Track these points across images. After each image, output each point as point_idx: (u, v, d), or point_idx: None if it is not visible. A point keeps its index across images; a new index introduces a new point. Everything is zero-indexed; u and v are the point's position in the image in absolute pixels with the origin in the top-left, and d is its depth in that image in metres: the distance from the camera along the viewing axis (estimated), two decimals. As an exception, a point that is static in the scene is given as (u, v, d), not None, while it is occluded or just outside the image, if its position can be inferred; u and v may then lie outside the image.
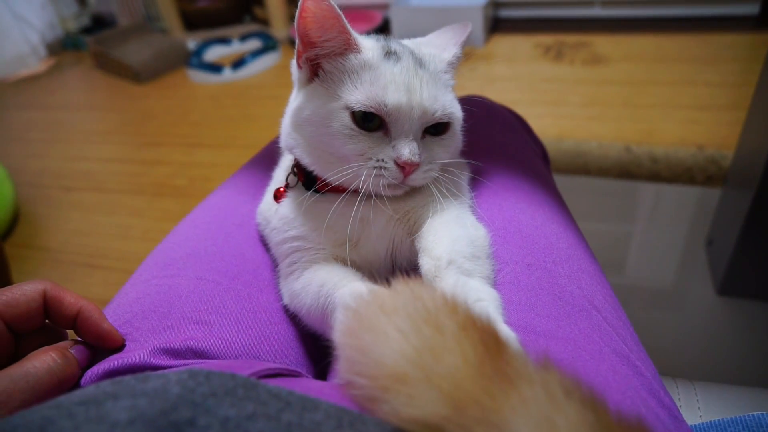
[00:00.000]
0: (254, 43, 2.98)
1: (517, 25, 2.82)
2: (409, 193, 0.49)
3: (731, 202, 1.14)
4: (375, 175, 0.45)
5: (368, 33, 0.52)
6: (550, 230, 0.53)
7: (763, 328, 1.10)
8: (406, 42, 0.52)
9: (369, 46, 0.48)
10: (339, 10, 0.45)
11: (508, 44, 2.65)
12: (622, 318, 0.48)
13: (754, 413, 0.44)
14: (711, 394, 0.55)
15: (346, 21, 0.46)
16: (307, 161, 0.49)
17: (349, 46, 0.47)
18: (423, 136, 0.48)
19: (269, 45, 2.88)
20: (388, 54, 0.47)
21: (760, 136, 1.00)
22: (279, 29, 3.07)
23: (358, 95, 0.45)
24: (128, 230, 1.77)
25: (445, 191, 0.49)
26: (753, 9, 2.42)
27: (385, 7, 2.94)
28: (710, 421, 0.46)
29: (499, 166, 0.62)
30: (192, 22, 3.29)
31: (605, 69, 2.27)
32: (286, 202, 0.52)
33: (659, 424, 0.38)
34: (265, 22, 3.15)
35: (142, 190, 1.97)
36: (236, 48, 3.05)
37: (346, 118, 0.46)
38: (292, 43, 2.97)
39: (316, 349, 0.51)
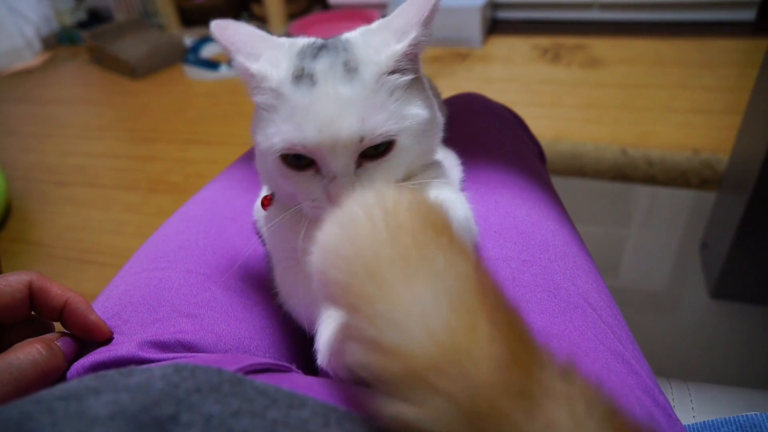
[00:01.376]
0: (252, 41, 2.97)
1: (515, 27, 2.82)
2: None
3: (726, 205, 1.14)
4: (315, 209, 0.42)
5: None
6: (547, 227, 0.52)
7: (755, 331, 1.10)
8: (359, 35, 0.44)
9: (276, 75, 0.40)
10: (235, 39, 0.40)
11: (505, 45, 2.65)
12: (618, 316, 0.48)
13: (747, 413, 0.44)
14: (704, 395, 0.55)
15: (244, 47, 0.41)
16: (273, 191, 0.48)
17: (252, 80, 0.41)
18: (360, 162, 0.41)
19: (267, 42, 2.87)
20: (299, 77, 0.39)
21: (755, 141, 1.01)
22: (277, 26, 3.06)
23: (276, 135, 0.40)
24: (122, 226, 1.76)
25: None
26: (749, 15, 2.44)
27: (383, 6, 2.94)
28: (704, 422, 0.46)
29: (495, 162, 0.62)
30: (189, 18, 3.28)
31: (602, 72, 2.27)
32: (272, 210, 0.50)
33: (653, 423, 0.38)
34: (262, 19, 3.15)
35: (137, 186, 1.96)
36: (234, 45, 3.04)
37: (276, 160, 0.41)
38: (289, 41, 2.96)
39: (307, 344, 0.51)
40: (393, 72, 0.41)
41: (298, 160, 0.41)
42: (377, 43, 0.41)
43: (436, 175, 0.47)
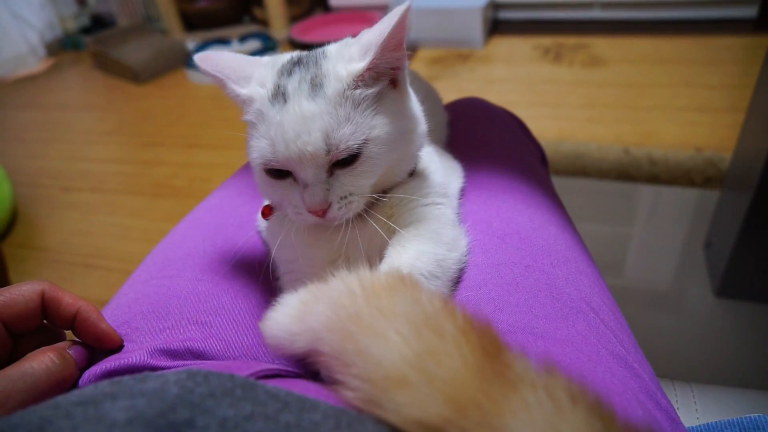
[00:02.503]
0: (254, 44, 2.98)
1: (517, 27, 2.82)
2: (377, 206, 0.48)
3: (729, 204, 1.14)
4: (297, 217, 0.45)
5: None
6: (548, 232, 0.53)
7: (761, 330, 1.10)
8: (333, 46, 0.46)
9: (258, 94, 0.44)
10: (219, 69, 0.44)
11: (507, 46, 2.66)
12: (620, 320, 0.48)
13: (752, 415, 0.44)
14: (708, 396, 0.55)
15: (229, 72, 0.44)
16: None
17: (239, 101, 0.45)
18: (333, 172, 0.43)
19: (269, 46, 2.88)
20: (275, 96, 0.42)
21: (758, 139, 1.01)
22: (278, 30, 3.07)
23: (257, 150, 0.43)
24: (127, 230, 1.77)
25: (398, 219, 0.47)
26: (751, 12, 2.43)
27: (384, 8, 2.94)
28: (707, 423, 0.46)
29: (497, 167, 0.62)
30: (191, 22, 3.29)
31: (604, 71, 2.27)
32: (273, 221, 0.52)
33: (657, 427, 0.38)
34: (264, 22, 3.16)
35: (141, 191, 1.97)
36: (236, 49, 3.05)
37: (260, 171, 0.45)
38: (291, 44, 2.97)
39: None
40: (356, 87, 0.42)
41: (278, 171, 0.44)
42: (348, 56, 0.43)
43: (419, 190, 0.49)
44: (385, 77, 0.44)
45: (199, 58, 0.46)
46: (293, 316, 0.34)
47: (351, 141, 0.42)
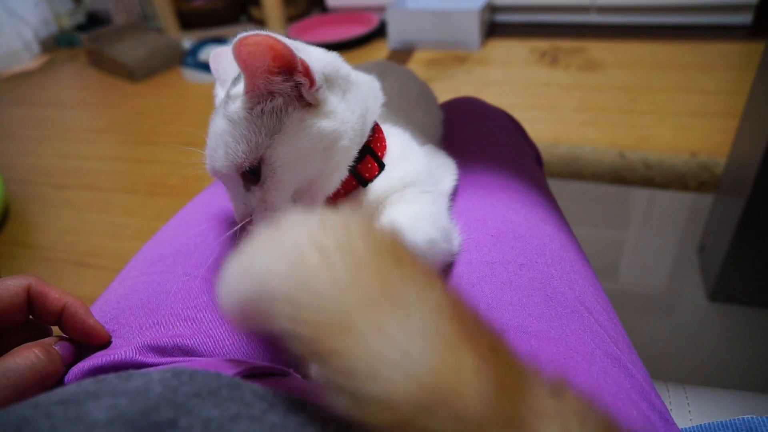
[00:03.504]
0: (250, 44, 2.98)
1: (513, 30, 2.83)
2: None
3: (723, 208, 1.15)
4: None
5: (365, 36, 0.51)
6: (543, 231, 0.52)
7: (753, 334, 1.10)
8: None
9: (217, 98, 0.48)
10: (221, 58, 0.47)
11: (503, 49, 2.66)
12: (614, 320, 0.48)
13: (744, 416, 0.44)
14: (701, 398, 0.55)
15: (221, 70, 0.47)
16: None
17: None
18: (248, 187, 0.45)
19: (265, 45, 2.87)
20: (218, 106, 0.46)
21: (752, 144, 1.01)
22: (275, 30, 3.05)
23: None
24: (121, 229, 1.76)
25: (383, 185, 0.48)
26: (746, 18, 2.45)
27: (381, 9, 2.95)
28: (701, 425, 0.46)
29: (492, 166, 0.62)
30: (188, 21, 3.28)
31: (600, 75, 2.28)
32: None
33: (650, 427, 0.38)
34: (261, 22, 3.15)
35: (135, 189, 1.96)
36: (232, 48, 3.04)
37: None
38: (288, 44, 2.96)
39: None
40: (250, 107, 0.43)
41: None
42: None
43: (400, 181, 0.48)
44: (283, 97, 0.43)
45: (211, 55, 0.48)
46: (239, 279, 0.27)
47: (245, 160, 0.43)
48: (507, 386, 0.22)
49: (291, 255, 0.24)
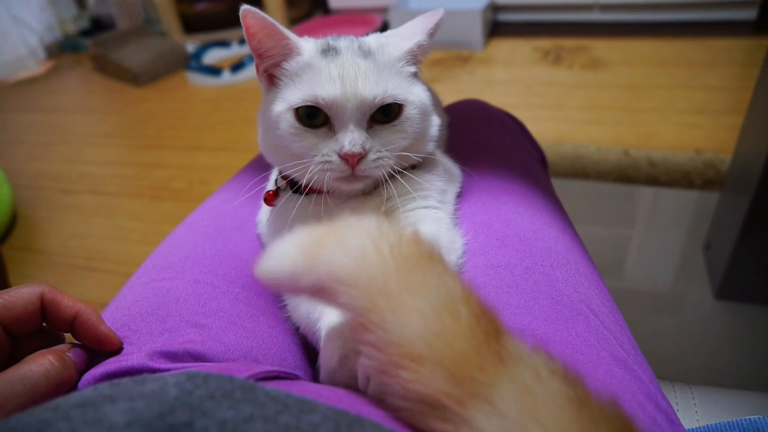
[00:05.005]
0: (253, 47, 2.99)
1: (516, 29, 2.83)
2: (376, 189, 0.51)
3: (729, 206, 1.14)
4: (322, 170, 0.46)
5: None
6: (549, 234, 0.53)
7: (760, 332, 1.10)
8: (371, 36, 0.52)
9: (308, 47, 0.49)
10: (272, 20, 0.47)
11: (507, 48, 2.66)
12: (620, 322, 0.48)
13: (752, 417, 0.44)
14: (708, 398, 0.55)
15: (282, 28, 0.48)
16: (275, 164, 0.53)
17: (289, 51, 0.48)
18: (371, 125, 0.47)
19: (268, 48, 2.88)
20: (326, 51, 0.48)
21: (757, 141, 1.01)
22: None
23: (298, 93, 0.47)
24: (127, 233, 1.77)
25: (408, 189, 0.50)
26: (751, 14, 2.44)
27: (384, 10, 2.95)
28: (707, 425, 0.46)
29: (497, 169, 0.62)
30: (191, 25, 3.30)
31: (604, 73, 2.28)
32: (277, 208, 0.52)
33: (656, 429, 0.38)
34: (264, 25, 3.16)
35: (141, 193, 1.97)
36: (235, 51, 3.06)
37: (291, 118, 0.47)
38: (291, 46, 2.97)
39: (313, 354, 0.51)
40: (403, 62, 0.49)
41: (311, 119, 0.47)
42: (387, 41, 0.50)
43: (420, 187, 0.52)
44: (416, 64, 0.50)
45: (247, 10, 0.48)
46: (294, 257, 0.34)
47: (396, 91, 0.47)
48: (490, 333, 0.30)
49: (355, 253, 0.32)
